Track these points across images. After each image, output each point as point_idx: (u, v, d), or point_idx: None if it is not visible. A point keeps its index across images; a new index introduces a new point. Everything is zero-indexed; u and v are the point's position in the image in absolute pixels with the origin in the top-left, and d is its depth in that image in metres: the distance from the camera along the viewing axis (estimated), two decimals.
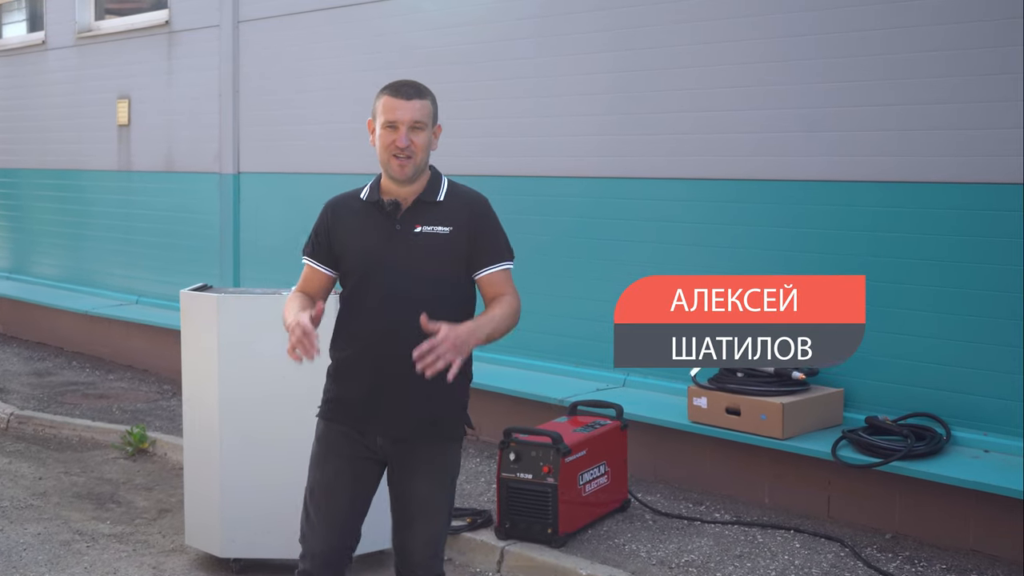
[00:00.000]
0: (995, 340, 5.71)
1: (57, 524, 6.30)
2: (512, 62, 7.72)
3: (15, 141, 12.53)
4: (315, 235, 3.88)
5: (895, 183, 5.99)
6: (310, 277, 3.88)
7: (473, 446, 7.50)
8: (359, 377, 3.76)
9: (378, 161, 3.75)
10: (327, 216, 3.85)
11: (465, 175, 8.00)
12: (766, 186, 6.51)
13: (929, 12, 5.87)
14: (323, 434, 3.87)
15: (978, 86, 5.72)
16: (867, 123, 6.10)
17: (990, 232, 5.70)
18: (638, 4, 7.06)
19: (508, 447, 5.73)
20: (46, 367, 10.53)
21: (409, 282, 3.69)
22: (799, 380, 6.11)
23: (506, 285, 3.79)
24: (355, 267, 3.76)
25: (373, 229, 3.75)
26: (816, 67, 6.29)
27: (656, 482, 6.69)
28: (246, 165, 9.70)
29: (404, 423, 3.76)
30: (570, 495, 5.70)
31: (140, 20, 10.90)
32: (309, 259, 3.88)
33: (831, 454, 5.77)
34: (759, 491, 6.29)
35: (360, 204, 3.82)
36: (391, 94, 3.72)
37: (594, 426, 6.04)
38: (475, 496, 6.52)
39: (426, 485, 3.79)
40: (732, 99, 6.64)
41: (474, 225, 3.78)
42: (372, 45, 8.60)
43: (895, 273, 6.01)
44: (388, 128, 3.69)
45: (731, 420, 6.15)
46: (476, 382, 7.23)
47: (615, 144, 7.22)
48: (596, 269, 7.28)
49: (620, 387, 7.11)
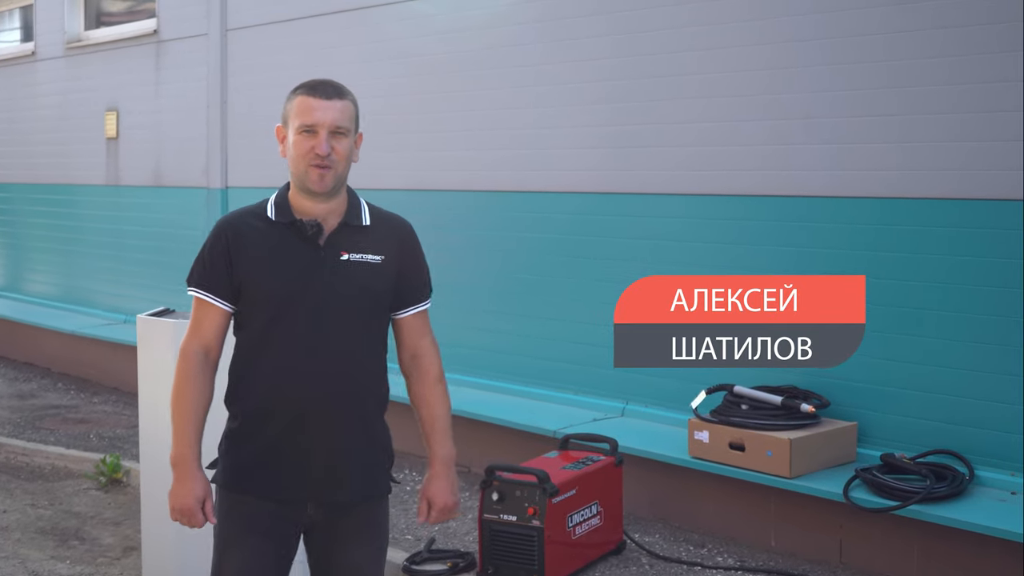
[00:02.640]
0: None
1: (12, 564, 5.89)
2: (514, 70, 7.32)
3: (5, 155, 12.21)
4: (209, 262, 3.20)
5: (924, 199, 5.58)
6: (205, 315, 3.20)
7: (463, 479, 7.06)
8: (279, 438, 3.18)
9: (292, 173, 3.22)
10: (225, 239, 3.19)
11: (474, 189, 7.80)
12: (769, 202, 6.14)
13: (929, 15, 5.54)
14: (233, 509, 3.23)
15: (980, 95, 5.40)
16: (870, 135, 5.77)
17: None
18: (638, 7, 6.67)
19: (491, 486, 5.30)
20: (30, 389, 10.16)
21: (337, 319, 3.18)
22: (809, 413, 5.65)
23: (426, 330, 3.40)
24: (266, 302, 3.16)
25: (289, 256, 3.17)
26: (822, 74, 5.94)
27: (655, 521, 6.23)
28: (234, 179, 9.31)
29: (343, 485, 3.25)
30: (558, 538, 5.26)
31: (128, 30, 10.57)
32: (201, 292, 3.20)
33: (843, 496, 5.31)
34: (765, 533, 5.83)
35: (267, 225, 3.21)
36: (308, 93, 3.19)
37: (586, 462, 5.60)
38: (460, 536, 6.08)
39: (362, 554, 3.30)
40: (734, 110, 6.26)
41: (404, 255, 3.32)
42: (366, 53, 8.21)
43: (915, 297, 5.56)
44: (305, 133, 3.16)
45: (735, 456, 5.69)
46: (465, 410, 7.05)
47: (613, 157, 6.81)
48: (595, 290, 6.83)
49: (619, 416, 6.68)
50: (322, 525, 3.26)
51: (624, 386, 6.69)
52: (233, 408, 3.25)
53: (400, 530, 6.22)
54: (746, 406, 5.76)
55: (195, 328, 3.21)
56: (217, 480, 3.27)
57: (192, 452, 3.15)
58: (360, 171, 3.70)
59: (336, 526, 3.26)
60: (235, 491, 3.23)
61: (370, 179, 8.39)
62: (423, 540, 5.94)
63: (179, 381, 3.17)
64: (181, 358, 3.18)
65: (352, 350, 3.19)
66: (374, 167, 8.16)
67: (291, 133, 3.20)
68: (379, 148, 8.13)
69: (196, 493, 3.14)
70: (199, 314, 3.21)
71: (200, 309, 3.21)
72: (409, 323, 3.36)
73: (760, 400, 5.75)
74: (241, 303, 3.20)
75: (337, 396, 3.16)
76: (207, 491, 3.16)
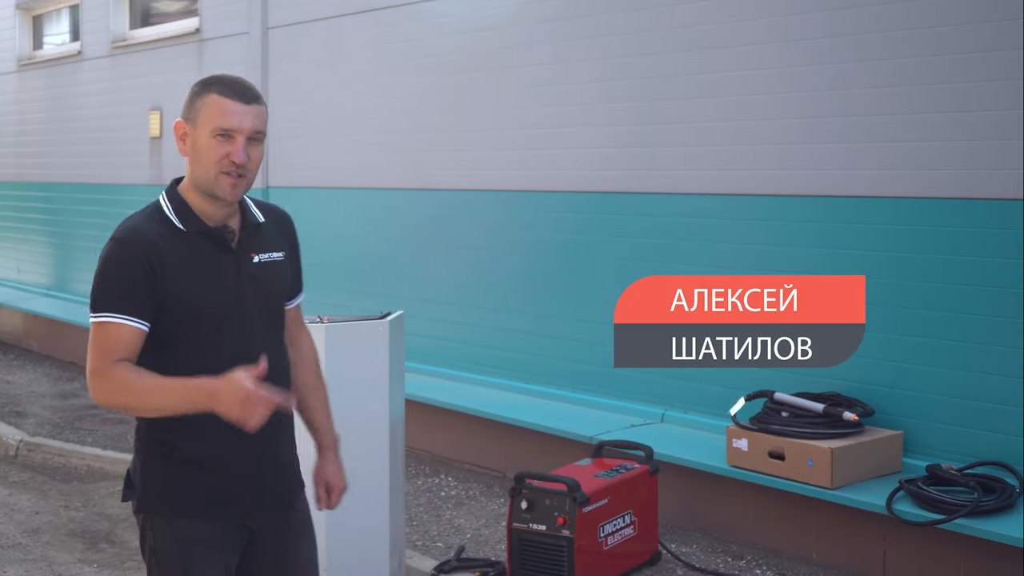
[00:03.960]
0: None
1: (40, 567, 5.84)
2: (529, 69, 7.17)
3: (52, 155, 12.24)
4: (128, 283, 2.85)
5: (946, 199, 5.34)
6: (125, 340, 2.84)
7: (498, 484, 6.92)
8: (227, 454, 2.98)
9: (195, 177, 2.95)
10: (142, 257, 2.87)
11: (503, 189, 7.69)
12: (781, 201, 6.03)
13: (930, 14, 5.43)
14: (185, 536, 2.98)
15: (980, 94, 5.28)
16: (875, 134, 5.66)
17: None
18: (649, 7, 6.58)
19: (520, 494, 5.15)
20: (72, 388, 10.15)
21: (262, 325, 3.04)
22: (852, 421, 5.44)
23: (302, 317, 3.37)
24: (196, 318, 2.92)
25: (209, 267, 2.96)
26: (830, 73, 5.83)
27: (693, 530, 6.05)
28: (275, 179, 9.23)
29: (288, 485, 3.16)
30: (589, 548, 5.10)
31: (171, 29, 10.54)
32: (124, 318, 2.83)
33: (886, 508, 5.10)
34: (806, 545, 5.62)
35: (176, 235, 2.94)
36: (224, 94, 2.91)
37: (619, 470, 5.43)
38: (492, 544, 5.93)
39: (308, 547, 3.19)
40: (746, 109, 6.15)
41: (293, 247, 3.21)
42: (404, 52, 8.08)
43: (966, 302, 5.33)
44: (220, 138, 2.89)
45: (774, 465, 5.50)
46: (498, 414, 6.92)
47: (629, 156, 6.70)
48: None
49: (657, 423, 6.49)
50: (271, 530, 3.11)
51: (663, 391, 6.51)
52: (166, 431, 2.95)
53: (431, 537, 6.09)
54: (787, 413, 5.56)
55: (108, 354, 2.84)
56: (154, 509, 3.00)
57: (195, 380, 2.80)
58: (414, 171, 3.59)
59: (286, 527, 3.14)
60: (185, 516, 2.99)
61: (366, 178, 8.34)
62: (453, 548, 5.80)
63: (124, 383, 2.80)
64: (103, 377, 2.82)
65: (273, 350, 3.05)
66: (398, 166, 8.06)
67: (202, 134, 2.91)
68: (427, 148, 8.03)
69: (239, 378, 2.72)
70: (113, 338, 2.84)
71: (114, 333, 2.85)
72: (292, 314, 3.27)
73: (801, 407, 5.55)
74: (163, 321, 2.90)
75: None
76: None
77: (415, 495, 6.76)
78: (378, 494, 4.82)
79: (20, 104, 12.91)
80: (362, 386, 4.78)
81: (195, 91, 2.98)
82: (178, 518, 2.99)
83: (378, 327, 4.83)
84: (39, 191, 12.48)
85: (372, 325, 4.85)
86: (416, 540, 6.01)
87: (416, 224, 8.05)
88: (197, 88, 2.98)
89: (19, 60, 12.90)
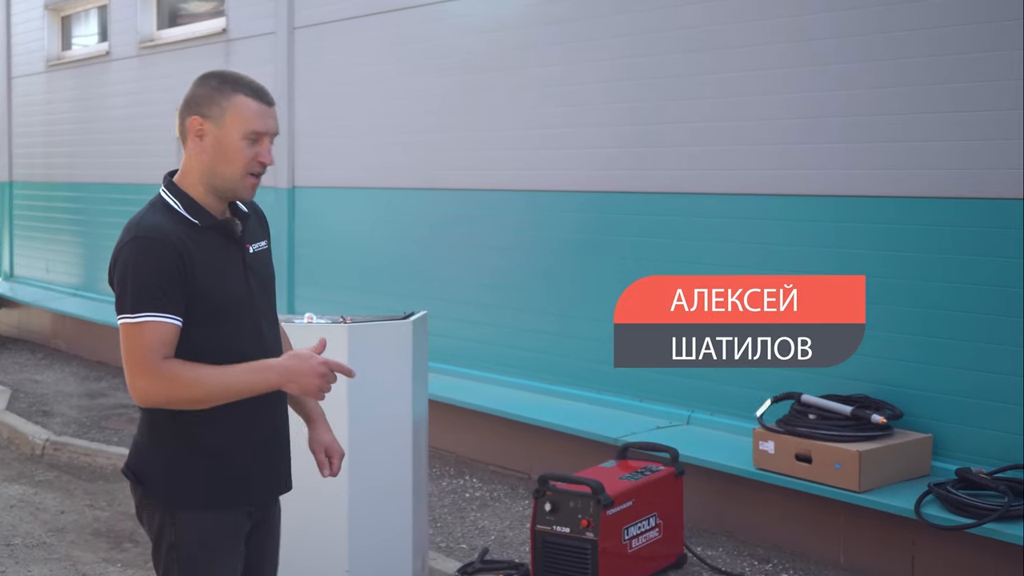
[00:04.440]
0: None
1: (64, 566, 5.84)
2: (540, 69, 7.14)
3: (80, 155, 12.28)
4: (164, 283, 2.84)
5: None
6: (166, 338, 2.84)
7: (523, 485, 6.89)
8: (255, 446, 3.05)
9: (215, 175, 2.96)
10: (175, 254, 2.86)
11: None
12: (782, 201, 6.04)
13: (932, 14, 5.42)
14: (213, 530, 3.00)
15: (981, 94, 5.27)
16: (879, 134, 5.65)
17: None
18: (656, 8, 6.59)
19: (543, 496, 5.11)
20: (100, 388, 10.18)
21: (265, 314, 3.10)
22: (880, 424, 5.37)
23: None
24: (219, 311, 2.95)
25: (224, 261, 2.99)
26: (833, 73, 5.83)
27: (719, 533, 5.99)
28: (301, 179, 9.22)
29: (287, 476, 3.21)
30: (613, 551, 5.05)
31: (198, 29, 10.55)
32: (163, 316, 2.83)
33: (915, 512, 5.03)
34: (833, 549, 5.56)
35: (194, 230, 2.94)
36: (252, 96, 2.95)
37: (644, 472, 5.38)
38: (516, 546, 5.90)
39: (275, 542, 3.25)
40: (749, 109, 6.16)
41: (269, 236, 3.24)
42: (425, 52, 8.06)
43: (992, 303, 5.26)
44: (249, 139, 2.93)
45: (801, 468, 5.44)
46: (523, 415, 6.87)
47: (634, 156, 6.71)
48: None
49: (683, 425, 6.44)
50: (266, 520, 3.17)
51: (689, 393, 6.46)
52: (190, 424, 2.95)
53: (455, 538, 6.06)
54: (814, 416, 5.50)
55: (152, 351, 2.83)
56: (179, 503, 2.98)
57: (261, 361, 2.91)
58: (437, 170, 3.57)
59: (273, 518, 3.21)
60: (209, 509, 2.99)
61: (389, 178, 8.33)
62: (477, 550, 5.77)
63: (187, 379, 2.82)
64: (160, 376, 2.82)
65: (277, 341, 3.15)
66: (426, 167, 8.03)
67: (231, 136, 2.92)
68: (448, 148, 8.00)
69: (308, 354, 2.89)
70: (154, 337, 2.83)
71: (154, 332, 2.83)
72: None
73: (829, 410, 5.49)
74: (189, 316, 2.90)
75: (279, 392, 3.05)
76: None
77: (439, 496, 6.73)
78: (401, 495, 4.79)
79: (49, 104, 12.97)
80: (385, 387, 4.75)
81: (215, 88, 2.96)
82: (203, 512, 2.98)
83: (401, 327, 4.80)
84: (67, 191, 12.53)
85: (395, 325, 4.81)
86: (440, 541, 5.98)
87: (438, 224, 8.03)
88: (216, 84, 2.97)
89: (48, 61, 12.95)
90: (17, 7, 13.50)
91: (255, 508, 3.10)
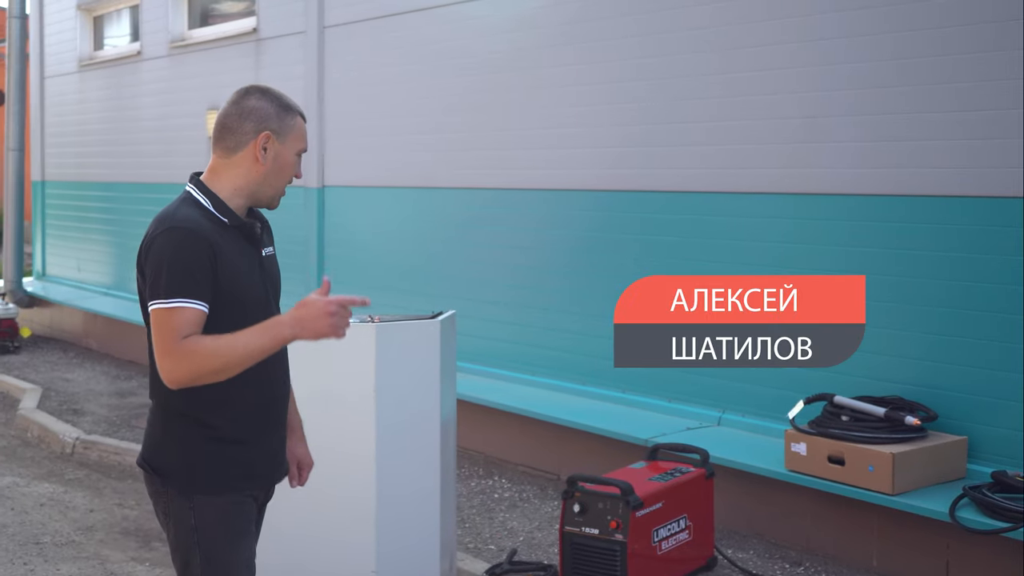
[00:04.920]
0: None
1: (92, 565, 5.84)
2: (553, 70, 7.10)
3: (112, 154, 12.31)
4: (197, 271, 2.98)
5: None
6: (197, 322, 2.97)
7: (552, 486, 6.84)
8: (268, 432, 3.25)
9: (262, 185, 3.16)
10: (205, 247, 3.00)
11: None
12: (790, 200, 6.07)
13: (934, 14, 5.43)
14: (231, 511, 3.14)
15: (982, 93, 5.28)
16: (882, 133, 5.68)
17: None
18: (664, 8, 6.61)
19: (572, 497, 5.06)
20: (130, 387, 10.20)
21: (275, 311, 3.26)
22: (914, 426, 5.30)
23: None
24: (240, 305, 3.09)
25: (245, 258, 3.15)
26: (841, 72, 5.84)
27: (750, 536, 5.93)
28: (331, 178, 9.21)
29: (285, 462, 3.41)
30: (643, 553, 5.00)
31: (229, 28, 10.56)
32: (194, 302, 2.96)
33: (949, 515, 4.96)
34: (866, 552, 5.49)
35: (221, 228, 3.09)
36: (303, 118, 3.24)
37: (674, 474, 5.33)
38: (545, 547, 5.85)
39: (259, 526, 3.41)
40: (756, 109, 6.16)
41: (273, 240, 3.42)
42: (451, 51, 8.03)
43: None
44: (297, 156, 3.23)
45: (834, 470, 5.37)
46: (552, 416, 6.83)
47: (643, 155, 6.71)
48: None
49: (714, 426, 6.38)
50: (262, 501, 3.35)
51: (720, 394, 6.40)
52: (201, 411, 3.08)
53: (483, 539, 6.02)
54: (847, 417, 5.43)
55: (177, 333, 2.95)
56: (198, 487, 3.09)
57: (271, 319, 2.98)
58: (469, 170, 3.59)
59: (267, 499, 3.39)
60: (227, 492, 3.13)
61: (417, 177, 8.31)
62: (505, 551, 5.73)
63: (209, 351, 2.91)
64: (184, 353, 2.91)
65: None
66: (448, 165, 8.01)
67: (289, 153, 3.19)
68: (475, 147, 7.97)
69: (315, 297, 2.92)
70: (183, 320, 2.95)
71: (185, 316, 2.95)
72: None
73: (862, 411, 5.42)
74: (214, 306, 3.03)
75: (283, 385, 3.29)
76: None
77: (468, 497, 6.70)
78: (429, 495, 4.76)
79: (81, 104, 13.02)
80: (413, 386, 4.72)
81: (280, 107, 3.16)
82: (220, 494, 3.12)
83: (429, 327, 4.77)
84: (99, 190, 12.57)
85: (423, 325, 4.78)
86: (468, 542, 5.94)
87: (463, 223, 8.01)
88: (279, 104, 3.17)
89: (80, 61, 13.01)
90: (50, 7, 13.56)
91: (261, 492, 3.28)
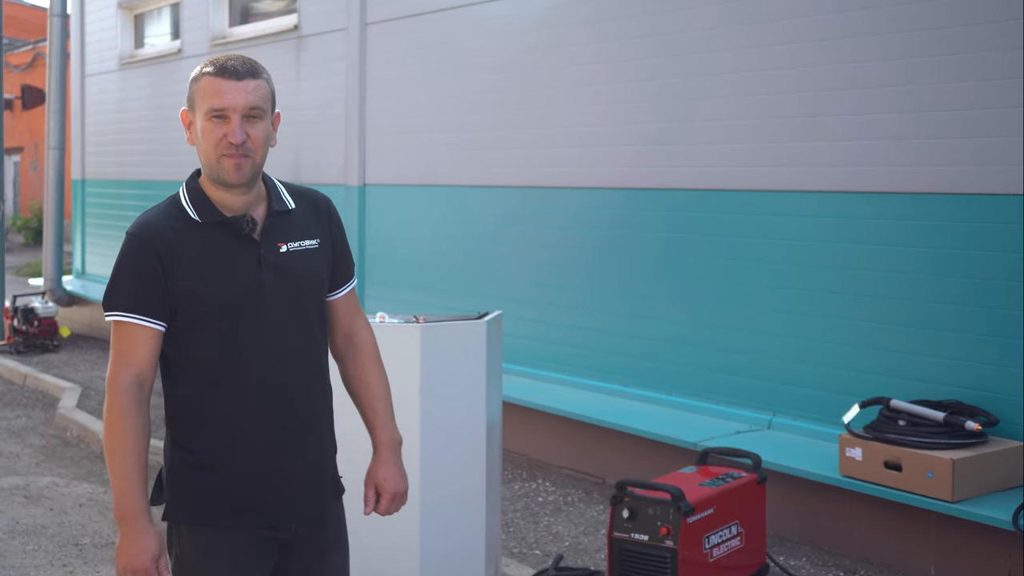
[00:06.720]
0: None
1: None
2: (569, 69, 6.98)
3: (152, 153, 12.29)
4: (137, 279, 2.75)
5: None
6: (136, 340, 2.73)
7: (597, 490, 6.71)
8: (257, 461, 2.84)
9: (203, 165, 2.83)
10: (154, 251, 2.75)
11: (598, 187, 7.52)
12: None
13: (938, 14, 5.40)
14: (211, 548, 2.83)
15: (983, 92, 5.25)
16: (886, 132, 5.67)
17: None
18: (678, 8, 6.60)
19: (621, 503, 4.93)
20: None
21: (288, 320, 2.86)
22: (974, 431, 5.14)
23: (358, 307, 3.13)
24: (213, 315, 2.78)
25: (227, 260, 2.80)
26: (847, 72, 5.81)
27: (802, 543, 5.78)
28: (372, 177, 9.12)
29: (318, 498, 2.97)
30: (693, 560, 4.86)
31: (270, 26, 10.50)
32: (134, 316, 2.73)
33: (1011, 523, 4.79)
34: (924, 561, 5.33)
35: (192, 227, 2.80)
36: (216, 74, 2.75)
37: (725, 479, 5.18)
38: (591, 552, 5.73)
39: (339, 559, 3.02)
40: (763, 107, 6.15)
41: (334, 232, 3.01)
42: (499, 46, 7.92)
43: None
44: (215, 119, 2.75)
45: (891, 476, 5.22)
46: (599, 419, 6.70)
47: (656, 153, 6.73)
48: (735, 293, 6.41)
49: (764, 429, 6.24)
50: (304, 540, 2.95)
51: (771, 397, 6.25)
52: (191, 437, 2.83)
53: (528, 544, 5.90)
54: (904, 422, 5.27)
55: (124, 357, 2.74)
56: (180, 517, 2.86)
57: (142, 504, 2.71)
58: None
59: (318, 537, 2.97)
60: (209, 526, 2.84)
61: (456, 175, 8.23)
62: (551, 556, 5.61)
63: (114, 420, 2.71)
64: (111, 394, 2.73)
65: (305, 349, 2.91)
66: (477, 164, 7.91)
67: (199, 119, 2.79)
68: (512, 146, 7.87)
69: (151, 550, 2.69)
70: (128, 340, 2.74)
71: (129, 334, 2.74)
72: (343, 304, 3.08)
73: (920, 416, 5.26)
74: (178, 321, 2.78)
75: (302, 404, 2.90)
76: (161, 546, 2.74)
77: (512, 500, 6.58)
78: (474, 499, 4.65)
79: (121, 103, 13.02)
80: (458, 388, 4.62)
81: (193, 77, 2.84)
82: (203, 528, 2.85)
83: (475, 327, 4.66)
84: (138, 189, 12.55)
85: (469, 326, 4.68)
86: (513, 547, 5.83)
87: (500, 221, 7.93)
88: (194, 73, 2.85)
89: (121, 59, 13.00)
90: (91, 6, 13.57)
91: (271, 532, 2.90)
